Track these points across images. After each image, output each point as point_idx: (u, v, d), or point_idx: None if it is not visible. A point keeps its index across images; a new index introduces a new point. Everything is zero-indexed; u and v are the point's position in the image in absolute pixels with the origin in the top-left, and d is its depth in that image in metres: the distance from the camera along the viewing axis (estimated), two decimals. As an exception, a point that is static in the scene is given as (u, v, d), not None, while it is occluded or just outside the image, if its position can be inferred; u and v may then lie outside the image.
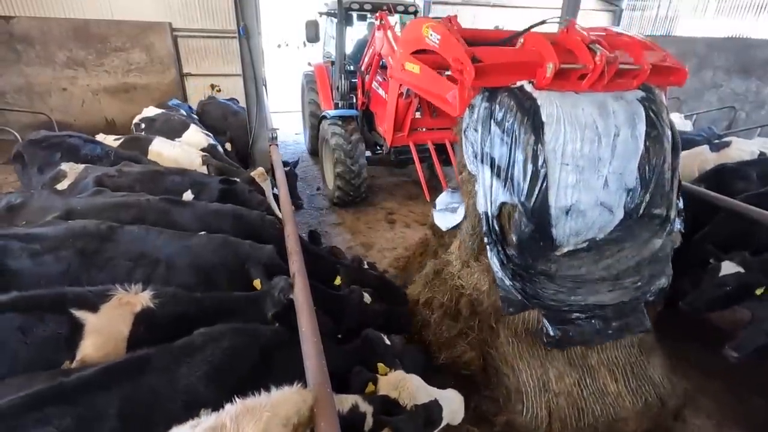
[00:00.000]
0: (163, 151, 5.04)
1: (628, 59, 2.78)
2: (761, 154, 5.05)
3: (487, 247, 2.89)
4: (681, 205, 3.19)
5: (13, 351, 2.00)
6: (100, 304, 2.20)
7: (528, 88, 2.69)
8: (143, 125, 6.20)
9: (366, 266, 3.87)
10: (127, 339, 2.18)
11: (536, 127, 2.60)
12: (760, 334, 3.07)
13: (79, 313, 2.13)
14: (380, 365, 2.49)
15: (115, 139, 5.27)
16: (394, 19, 7.14)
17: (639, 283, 2.93)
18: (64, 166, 4.04)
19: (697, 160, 5.00)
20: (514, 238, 2.77)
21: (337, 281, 3.39)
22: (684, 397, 3.17)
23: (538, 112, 2.61)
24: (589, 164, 2.67)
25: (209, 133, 6.17)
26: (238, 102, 8.20)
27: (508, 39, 3.07)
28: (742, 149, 5.03)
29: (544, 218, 2.71)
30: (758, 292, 3.23)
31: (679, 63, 3.02)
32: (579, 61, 2.68)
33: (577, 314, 2.87)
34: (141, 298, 2.29)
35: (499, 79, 2.75)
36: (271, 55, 10.69)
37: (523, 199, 2.69)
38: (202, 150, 5.46)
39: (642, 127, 2.76)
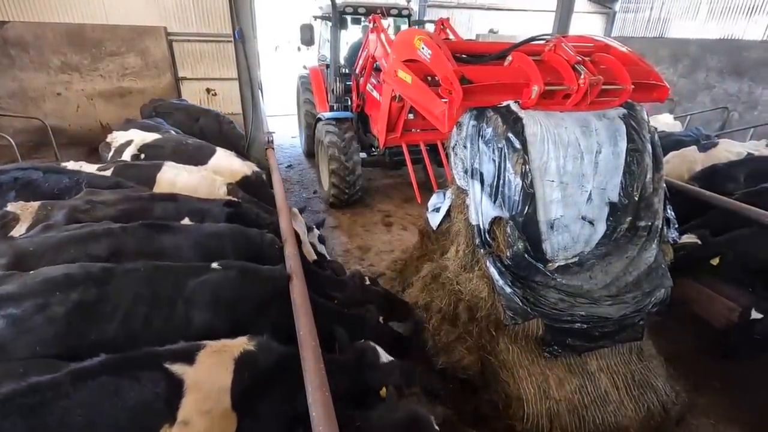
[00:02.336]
0: (177, 179, 4.01)
1: (612, 79, 2.87)
2: (748, 154, 5.14)
3: (484, 257, 2.94)
4: (671, 215, 3.22)
5: (111, 420, 1.73)
6: (195, 353, 1.97)
7: (514, 107, 2.79)
8: (143, 155, 4.76)
9: (368, 282, 3.64)
10: (231, 389, 1.94)
11: (522, 145, 2.69)
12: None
13: (175, 367, 1.88)
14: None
15: (100, 169, 4.07)
16: (387, 22, 7.19)
17: (638, 298, 2.97)
18: (12, 207, 3.15)
19: (686, 161, 5.12)
20: (507, 253, 2.83)
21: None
22: (687, 405, 3.17)
23: (523, 130, 2.70)
24: (572, 180, 2.79)
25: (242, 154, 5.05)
26: (187, 102, 8.11)
27: (497, 56, 3.14)
28: (729, 150, 5.15)
29: (534, 233, 2.79)
30: (714, 262, 3.67)
31: (662, 79, 3.12)
32: (564, 82, 2.76)
33: (579, 324, 2.88)
34: (240, 342, 2.09)
35: (487, 99, 2.84)
36: (266, 58, 10.69)
37: (513, 213, 2.78)
38: (244, 177, 4.54)
39: (623, 144, 2.87)
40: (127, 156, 4.74)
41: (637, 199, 2.95)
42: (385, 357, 2.46)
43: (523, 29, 12.86)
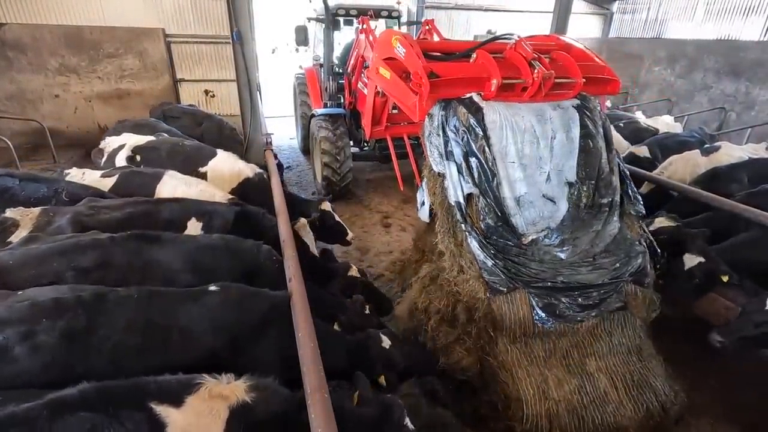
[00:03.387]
0: (176, 192, 3.84)
1: (566, 74, 3.24)
2: (750, 158, 5.11)
3: (465, 233, 3.08)
4: (632, 190, 3.48)
5: None
6: (185, 396, 1.77)
7: (476, 98, 3.14)
8: (138, 157, 4.58)
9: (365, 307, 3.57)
10: None
11: (483, 131, 3.07)
12: (747, 325, 3.24)
13: (161, 409, 1.71)
14: None
15: (104, 175, 3.94)
16: (378, 24, 7.61)
17: (617, 264, 3.14)
18: (11, 212, 3.07)
19: (689, 164, 5.09)
20: (481, 225, 3.09)
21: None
22: (686, 404, 3.17)
23: (483, 119, 3.07)
24: (531, 162, 3.14)
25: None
26: (195, 107, 8.16)
27: (464, 54, 3.52)
28: (731, 154, 5.14)
29: (502, 209, 3.11)
30: (724, 278, 3.54)
31: (614, 74, 3.54)
32: (521, 76, 3.13)
33: (564, 293, 3.00)
34: (235, 388, 1.87)
35: (452, 92, 3.21)
36: (264, 60, 10.74)
37: (482, 190, 3.11)
38: (246, 179, 4.45)
39: (576, 131, 3.24)
40: (121, 160, 4.57)
41: (594, 178, 3.26)
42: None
43: (521, 30, 12.88)
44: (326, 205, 4.57)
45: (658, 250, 3.52)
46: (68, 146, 8.63)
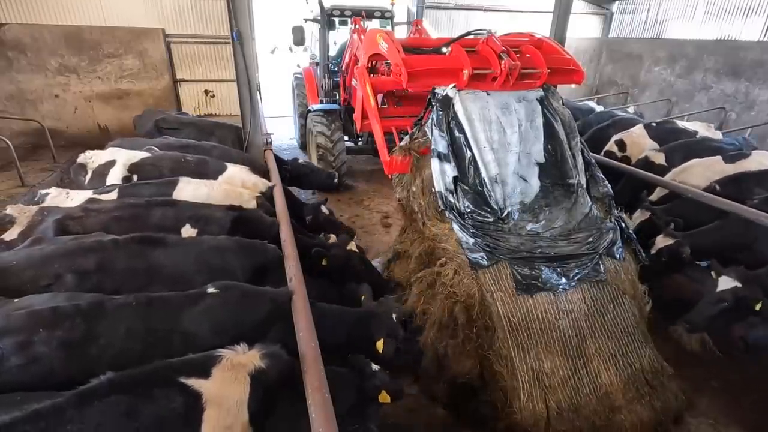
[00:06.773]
0: (197, 194, 3.69)
1: (532, 65, 3.62)
2: None
3: (450, 220, 3.34)
4: (598, 174, 3.79)
5: None
6: (210, 368, 1.91)
7: (451, 94, 3.56)
8: (135, 177, 4.17)
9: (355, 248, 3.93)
10: (248, 404, 1.88)
11: (458, 123, 3.52)
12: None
13: (191, 381, 1.81)
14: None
15: (99, 193, 3.62)
16: (371, 24, 7.92)
17: (590, 239, 3.39)
18: (11, 209, 3.13)
19: (708, 170, 4.62)
20: (461, 207, 3.39)
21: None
22: (686, 404, 3.20)
23: (456, 112, 3.52)
24: (501, 147, 3.53)
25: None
26: (189, 114, 7.99)
27: (439, 48, 3.91)
28: (763, 162, 4.54)
29: (481, 188, 3.45)
30: (757, 307, 3.18)
31: (579, 66, 3.88)
32: (491, 67, 3.50)
33: (542, 263, 3.19)
34: (251, 357, 2.02)
35: (428, 82, 3.62)
36: (264, 60, 10.76)
37: (462, 172, 3.48)
38: (261, 195, 4.22)
39: (540, 120, 3.65)
40: (114, 178, 4.16)
41: (560, 162, 3.63)
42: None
43: (520, 30, 12.88)
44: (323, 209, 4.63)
45: (632, 233, 3.65)
46: (68, 146, 8.63)
